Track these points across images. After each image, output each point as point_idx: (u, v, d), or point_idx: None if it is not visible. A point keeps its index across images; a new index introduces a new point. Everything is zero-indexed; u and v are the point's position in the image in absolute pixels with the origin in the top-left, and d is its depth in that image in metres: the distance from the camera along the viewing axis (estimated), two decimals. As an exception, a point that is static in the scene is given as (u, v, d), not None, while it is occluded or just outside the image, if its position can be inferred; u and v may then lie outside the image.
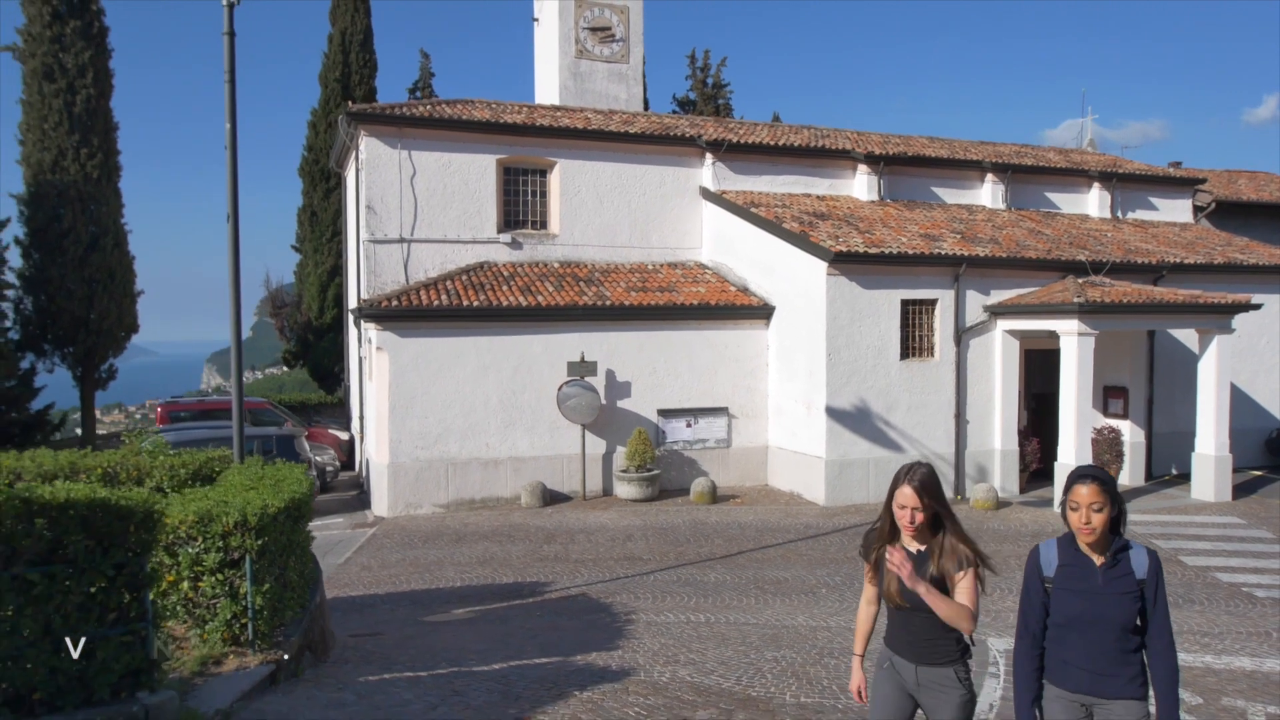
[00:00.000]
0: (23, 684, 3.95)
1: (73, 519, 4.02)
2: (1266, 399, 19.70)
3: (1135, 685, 3.38)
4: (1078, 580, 3.45)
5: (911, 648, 3.66)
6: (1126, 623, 3.36)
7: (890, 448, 16.17)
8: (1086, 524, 3.42)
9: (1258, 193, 25.11)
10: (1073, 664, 3.43)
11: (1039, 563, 3.58)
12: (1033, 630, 3.55)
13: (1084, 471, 3.52)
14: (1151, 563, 3.43)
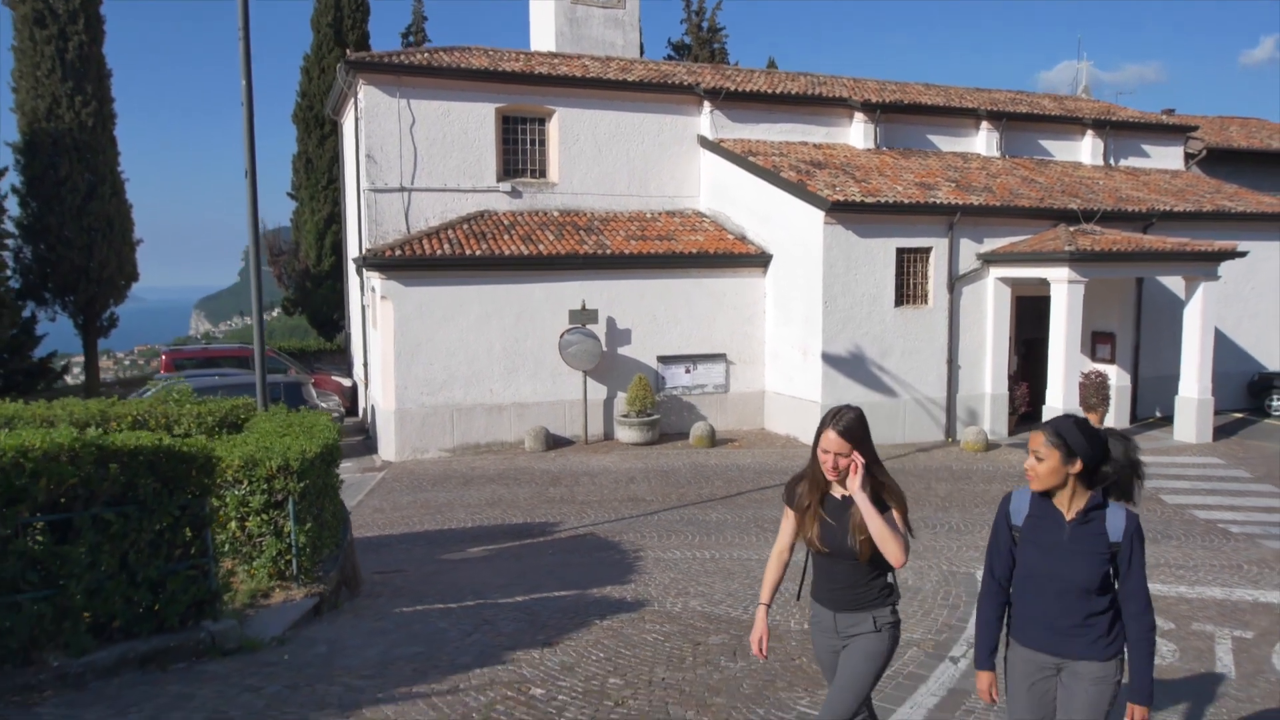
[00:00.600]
0: (104, 613, 4.34)
1: (142, 463, 4.37)
2: (1249, 343, 20.18)
3: (1100, 646, 3.21)
4: (1043, 533, 3.28)
5: (832, 595, 3.56)
6: (1087, 584, 3.18)
7: (884, 392, 16.61)
8: (1029, 469, 3.30)
9: (1248, 140, 25.30)
10: (1034, 620, 3.30)
11: (1008, 510, 3.43)
12: (998, 577, 3.41)
13: (1047, 421, 3.37)
14: (1129, 526, 3.22)
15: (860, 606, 3.51)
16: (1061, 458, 3.22)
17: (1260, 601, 7.94)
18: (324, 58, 27.57)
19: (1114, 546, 3.21)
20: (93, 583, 4.20)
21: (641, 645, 5.64)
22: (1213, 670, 6.03)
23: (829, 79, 22.82)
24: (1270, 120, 29.89)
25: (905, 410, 16.86)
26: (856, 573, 3.49)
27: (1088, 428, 3.28)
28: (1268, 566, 9.34)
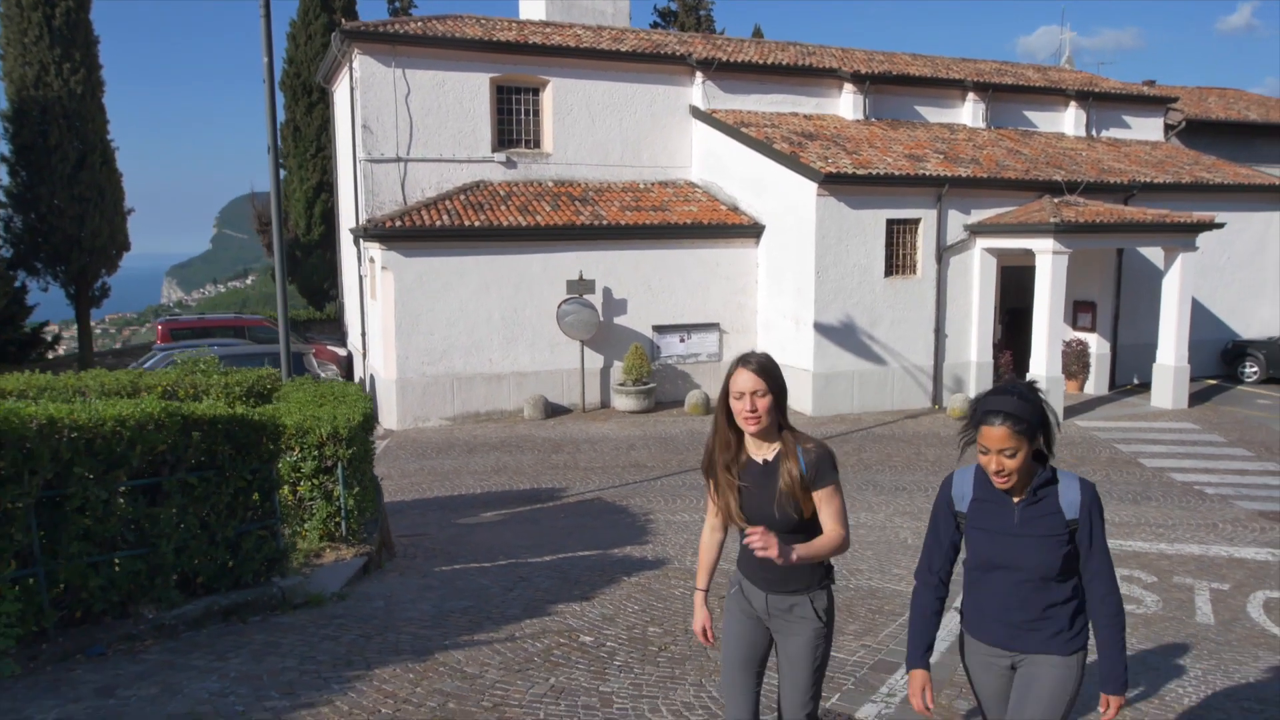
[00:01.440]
0: (189, 570, 4.69)
1: (220, 431, 4.70)
2: (1224, 312, 20.82)
3: (1061, 640, 2.86)
4: (991, 519, 2.90)
5: (761, 572, 3.11)
6: (1046, 571, 2.82)
7: (874, 361, 17.08)
8: (999, 472, 2.81)
9: (1226, 111, 25.80)
10: (989, 615, 2.94)
11: (950, 495, 3.03)
12: (936, 570, 3.03)
13: (993, 406, 2.83)
14: (1085, 499, 2.85)
15: (794, 588, 3.06)
16: (1029, 444, 2.80)
17: (1235, 557, 8.48)
18: (311, 24, 27.46)
19: (1071, 525, 2.83)
20: (180, 542, 4.54)
21: (671, 599, 6.05)
22: (1194, 618, 6.54)
23: (818, 49, 23.03)
24: (1247, 90, 30.44)
25: (894, 378, 17.35)
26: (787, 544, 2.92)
27: (1033, 393, 2.88)
28: (1241, 525, 9.90)
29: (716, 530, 3.38)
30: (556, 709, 3.99)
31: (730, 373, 3.09)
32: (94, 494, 4.12)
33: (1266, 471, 12.66)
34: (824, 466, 3.02)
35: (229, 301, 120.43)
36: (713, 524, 3.38)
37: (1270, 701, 4.80)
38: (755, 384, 3.01)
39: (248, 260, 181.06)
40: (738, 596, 3.23)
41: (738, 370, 3.06)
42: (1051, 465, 2.92)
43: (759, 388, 3.01)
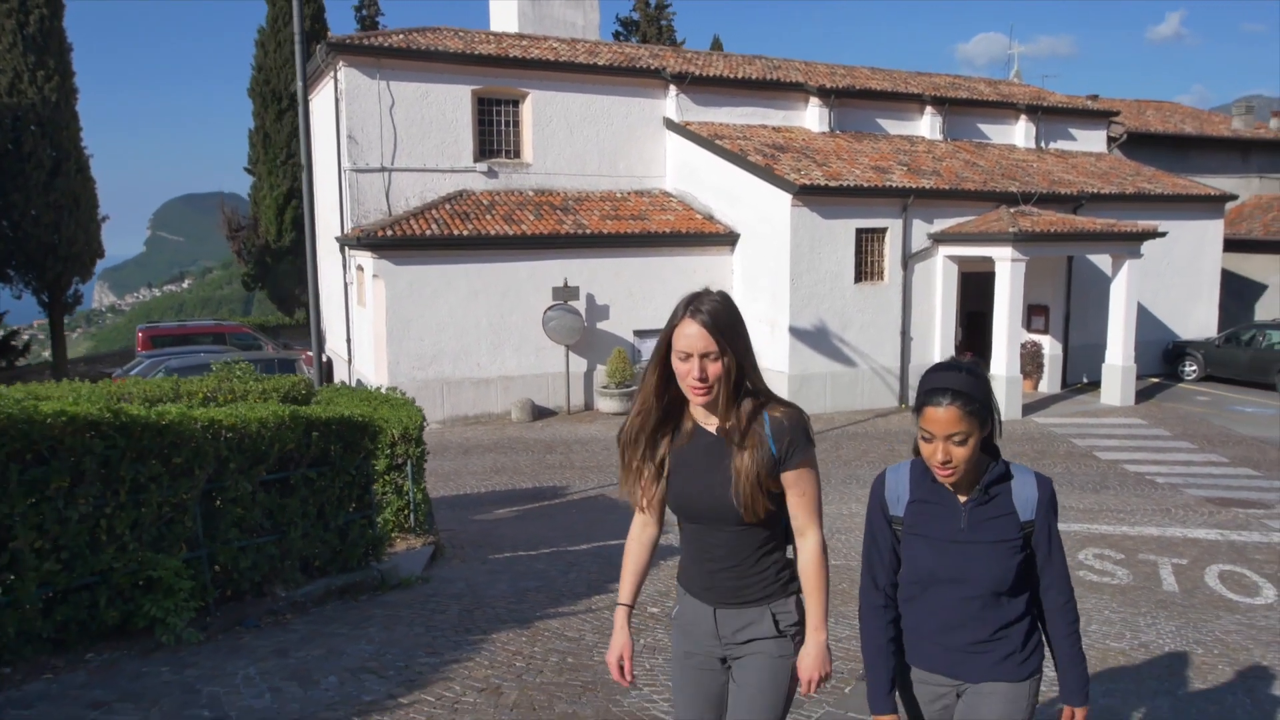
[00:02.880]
0: (309, 554, 5.27)
1: (333, 431, 5.29)
2: (1166, 315, 22.20)
3: (1012, 664, 2.44)
4: (933, 523, 2.45)
5: (709, 581, 2.44)
6: (998, 585, 2.40)
7: (845, 362, 18.00)
8: (945, 462, 2.35)
9: (1163, 124, 27.38)
10: (924, 635, 2.49)
11: (883, 497, 2.55)
12: (882, 587, 2.53)
13: (938, 384, 2.37)
14: (1043, 497, 2.44)
15: (751, 598, 2.39)
16: (980, 429, 2.36)
17: (1189, 537, 9.47)
18: (280, 31, 27.62)
19: (1026, 527, 2.42)
20: (304, 529, 5.12)
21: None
22: (1161, 587, 7.45)
23: (782, 62, 23.96)
24: (1182, 104, 32.23)
25: (863, 379, 18.28)
26: (742, 544, 2.37)
27: (981, 370, 2.46)
28: (1192, 510, 10.94)
29: (648, 525, 2.59)
30: (655, 661, 4.67)
31: (674, 320, 2.35)
32: (242, 487, 4.69)
33: (1209, 462, 13.80)
34: (797, 438, 2.32)
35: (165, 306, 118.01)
36: (642, 517, 2.58)
37: (1234, 646, 5.68)
38: (706, 343, 2.26)
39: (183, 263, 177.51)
40: (684, 623, 2.51)
41: (684, 321, 2.32)
42: (1003, 459, 2.45)
43: (710, 349, 2.26)
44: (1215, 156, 27.52)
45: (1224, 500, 11.42)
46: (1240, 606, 6.88)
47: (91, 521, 3.96)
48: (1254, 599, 7.11)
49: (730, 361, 2.29)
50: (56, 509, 3.80)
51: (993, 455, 2.46)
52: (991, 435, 2.42)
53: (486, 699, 3.85)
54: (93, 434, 3.90)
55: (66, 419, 3.77)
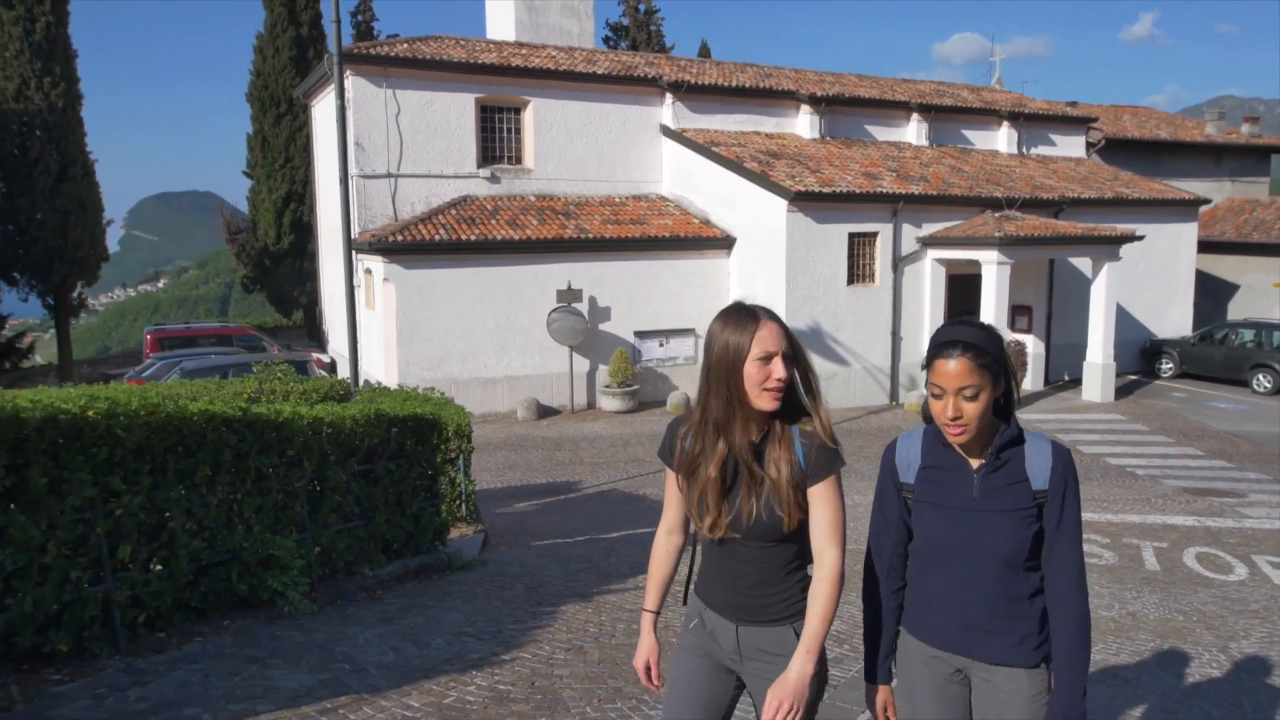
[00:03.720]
0: (389, 537, 5.85)
1: (409, 427, 5.88)
2: (1143, 314, 23.07)
3: (1028, 648, 2.31)
4: (945, 491, 2.37)
5: (733, 597, 2.39)
6: (1011, 555, 2.28)
7: (838, 362, 18.70)
8: (955, 418, 2.27)
9: (1139, 130, 28.32)
10: (937, 609, 2.39)
11: (894, 464, 2.49)
12: (887, 557, 2.48)
13: (949, 337, 2.31)
14: (1057, 464, 2.31)
15: (776, 616, 2.35)
16: (992, 385, 2.27)
17: (1168, 523, 10.21)
18: (278, 37, 28.00)
19: (1040, 496, 2.29)
20: (386, 515, 5.70)
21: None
22: (1144, 567, 8.16)
23: (773, 70, 24.65)
24: (1157, 109, 33.23)
25: (856, 377, 18.99)
26: (770, 561, 2.34)
27: (994, 329, 2.37)
28: (1170, 499, 11.69)
29: (674, 533, 2.61)
30: (708, 629, 5.30)
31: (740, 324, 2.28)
32: (339, 477, 5.27)
33: (1185, 455, 14.59)
34: (827, 454, 2.30)
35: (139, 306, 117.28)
36: (670, 525, 2.60)
37: (1211, 615, 6.38)
38: (783, 344, 2.27)
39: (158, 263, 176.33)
40: (698, 632, 2.46)
41: (763, 323, 2.28)
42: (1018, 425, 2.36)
43: (786, 349, 2.28)
44: (1189, 161, 28.49)
45: (1200, 490, 12.18)
46: (1215, 583, 7.60)
47: (226, 506, 4.53)
48: (1227, 576, 7.83)
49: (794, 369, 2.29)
50: (201, 495, 4.36)
51: (1004, 419, 2.34)
52: (1008, 401, 2.33)
53: (575, 656, 4.45)
54: (227, 429, 4.47)
55: (209, 416, 4.34)
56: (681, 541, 2.64)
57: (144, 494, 4.05)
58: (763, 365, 2.23)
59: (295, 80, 27.47)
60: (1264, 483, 12.53)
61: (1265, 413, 18.17)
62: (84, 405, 3.76)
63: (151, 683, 3.69)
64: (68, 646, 3.76)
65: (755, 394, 2.24)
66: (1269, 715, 4.24)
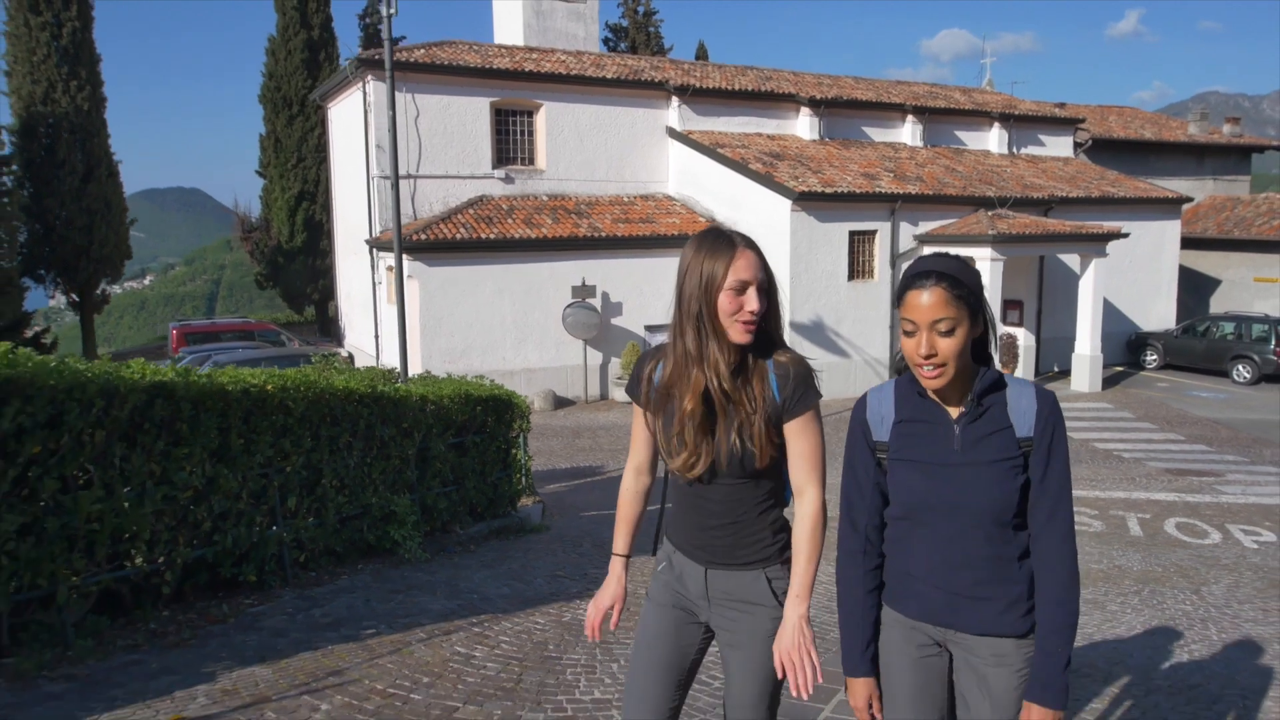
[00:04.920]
0: (474, 501, 6.71)
1: (490, 405, 6.74)
2: (1128, 308, 24.08)
3: (1016, 615, 2.06)
4: (922, 445, 2.13)
5: (701, 538, 2.25)
6: (998, 510, 2.04)
7: (839, 354, 19.61)
8: (929, 356, 2.03)
9: (1125, 130, 29.32)
10: (917, 577, 2.14)
11: (865, 420, 2.24)
12: (863, 529, 2.21)
13: (923, 268, 2.08)
14: (1043, 408, 2.09)
15: (747, 560, 2.21)
16: (970, 322, 2.06)
17: (1151, 498, 11.16)
18: (290, 40, 28.70)
19: (1025, 444, 2.07)
20: (473, 482, 6.56)
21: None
22: (1129, 533, 9.09)
23: (773, 73, 25.53)
24: (1142, 110, 34.28)
25: (855, 368, 19.91)
26: (741, 499, 2.21)
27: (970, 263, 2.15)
28: (1153, 479, 12.64)
29: (643, 473, 2.47)
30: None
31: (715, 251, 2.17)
32: (439, 447, 6.12)
33: (1169, 440, 15.56)
34: (802, 385, 2.20)
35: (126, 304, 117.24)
36: (638, 466, 2.46)
37: (1187, 568, 7.30)
38: (759, 274, 2.17)
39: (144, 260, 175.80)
40: (666, 575, 2.35)
41: (740, 251, 2.16)
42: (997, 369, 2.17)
43: (762, 280, 2.18)
44: (1173, 160, 29.52)
45: (1181, 470, 13.15)
46: (1192, 545, 8.53)
47: (360, 468, 5.37)
48: (1203, 540, 8.77)
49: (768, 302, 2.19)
50: (343, 458, 5.21)
51: (984, 363, 2.14)
52: (985, 342, 2.14)
53: (654, 593, 5.32)
54: (359, 404, 5.31)
55: (348, 392, 5.19)
56: (650, 482, 2.48)
57: (304, 455, 4.89)
58: (735, 295, 2.11)
59: (307, 82, 28.21)
60: (1240, 464, 13.50)
61: (1244, 401, 19.18)
62: (265, 381, 4.61)
63: (324, 605, 4.54)
64: (255, 578, 4.60)
65: (728, 325, 2.13)
66: (1231, 638, 5.15)
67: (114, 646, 3.79)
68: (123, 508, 3.82)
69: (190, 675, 3.52)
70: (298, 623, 4.29)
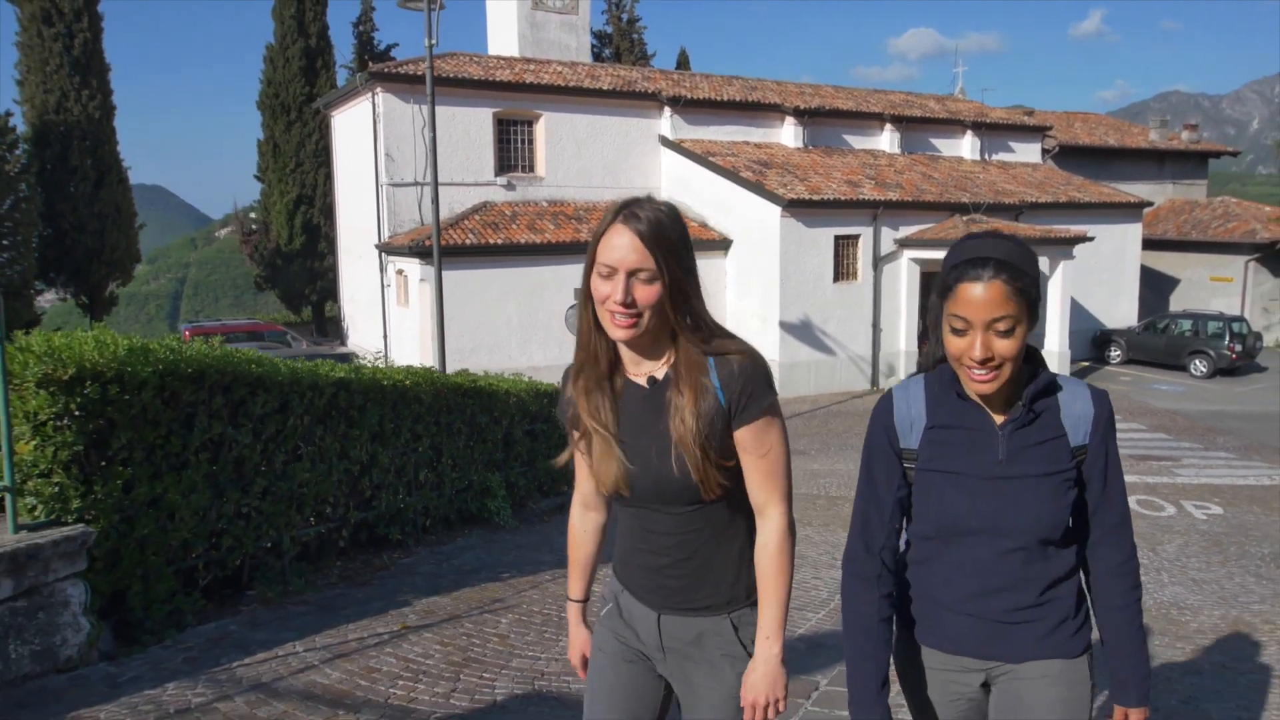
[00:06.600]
0: (543, 480, 7.80)
1: (545, 396, 7.82)
2: (1094, 307, 25.57)
3: (1063, 636, 1.81)
4: (961, 456, 1.80)
5: (652, 577, 1.85)
6: (1047, 529, 1.76)
7: (825, 351, 20.85)
8: (985, 360, 1.69)
9: (1090, 137, 30.87)
10: (945, 605, 1.84)
11: (892, 424, 1.88)
12: (876, 550, 1.85)
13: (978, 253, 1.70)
14: (1100, 413, 1.84)
15: (707, 603, 1.82)
16: (1029, 318, 1.74)
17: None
18: (288, 48, 29.46)
19: (1079, 454, 1.81)
20: (541, 463, 7.65)
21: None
22: (1096, 508, 10.36)
23: (758, 83, 26.74)
24: (1106, 116, 35.94)
25: (840, 365, 21.16)
26: (694, 531, 1.80)
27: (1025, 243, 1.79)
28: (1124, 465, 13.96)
29: (590, 508, 2.07)
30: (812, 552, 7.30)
31: (601, 229, 1.82)
32: (518, 433, 7.20)
33: (1131, 429, 16.93)
34: (753, 384, 1.76)
35: None
36: (584, 497, 2.06)
37: (1144, 534, 8.56)
38: (639, 258, 1.72)
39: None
40: (613, 618, 1.96)
41: (612, 227, 1.78)
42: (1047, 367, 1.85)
43: (642, 265, 1.72)
44: (1135, 165, 31.14)
45: (1142, 456, 14.50)
46: (1150, 517, 9.81)
47: (466, 450, 6.44)
48: (1159, 513, 10.06)
49: (668, 285, 1.74)
50: (455, 440, 6.28)
51: (1035, 363, 1.84)
52: None
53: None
54: (465, 396, 6.39)
55: (456, 385, 6.26)
56: (602, 519, 2.06)
57: (431, 438, 5.97)
58: (603, 280, 1.75)
59: (305, 89, 29.01)
60: (1196, 450, 14.87)
61: (1200, 393, 20.67)
62: (403, 377, 5.68)
63: (457, 559, 5.62)
64: (399, 537, 5.67)
65: (603, 318, 1.76)
66: (1179, 580, 6.38)
67: (318, 584, 4.85)
68: (322, 476, 4.88)
69: (390, 602, 4.59)
70: (445, 569, 5.36)
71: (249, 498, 4.40)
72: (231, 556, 4.38)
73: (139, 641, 3.78)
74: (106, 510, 3.64)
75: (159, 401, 3.84)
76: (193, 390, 4.02)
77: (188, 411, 4.03)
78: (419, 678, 3.64)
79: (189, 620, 4.03)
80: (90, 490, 3.60)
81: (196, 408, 4.07)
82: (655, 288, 1.72)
